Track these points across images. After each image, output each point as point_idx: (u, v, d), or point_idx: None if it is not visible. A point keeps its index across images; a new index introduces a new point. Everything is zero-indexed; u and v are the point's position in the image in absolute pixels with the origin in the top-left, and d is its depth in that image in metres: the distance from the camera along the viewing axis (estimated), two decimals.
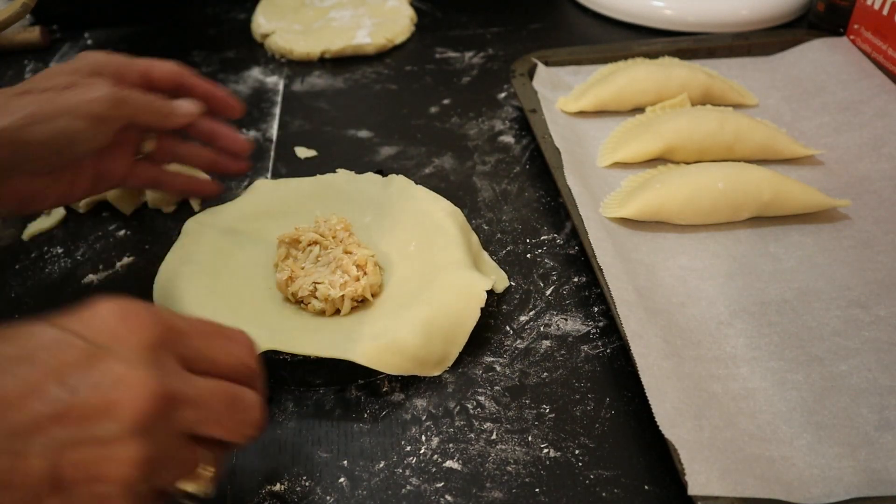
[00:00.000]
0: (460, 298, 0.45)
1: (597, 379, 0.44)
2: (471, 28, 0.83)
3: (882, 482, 0.37)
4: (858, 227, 0.52)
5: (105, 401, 0.27)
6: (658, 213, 0.52)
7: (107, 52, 0.47)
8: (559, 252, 0.53)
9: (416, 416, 0.42)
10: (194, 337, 0.31)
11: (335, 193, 0.55)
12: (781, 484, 0.36)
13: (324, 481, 0.39)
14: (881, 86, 0.63)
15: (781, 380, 0.42)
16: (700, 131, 0.57)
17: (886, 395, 0.41)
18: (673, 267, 0.50)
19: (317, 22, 0.82)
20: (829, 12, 0.73)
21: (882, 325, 0.45)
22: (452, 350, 0.45)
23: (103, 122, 0.44)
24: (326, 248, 0.49)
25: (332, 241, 0.49)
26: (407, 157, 0.63)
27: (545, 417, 0.42)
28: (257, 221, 0.53)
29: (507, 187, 0.59)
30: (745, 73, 0.69)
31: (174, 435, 0.29)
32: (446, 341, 0.44)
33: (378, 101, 0.71)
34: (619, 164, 0.59)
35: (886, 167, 0.56)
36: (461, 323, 0.45)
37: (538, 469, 0.39)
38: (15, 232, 0.57)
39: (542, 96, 0.64)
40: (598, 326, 0.47)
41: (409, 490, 0.38)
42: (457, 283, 0.46)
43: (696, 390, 0.41)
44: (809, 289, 0.48)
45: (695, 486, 0.35)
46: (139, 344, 0.28)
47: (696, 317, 0.46)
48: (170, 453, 0.29)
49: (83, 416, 0.26)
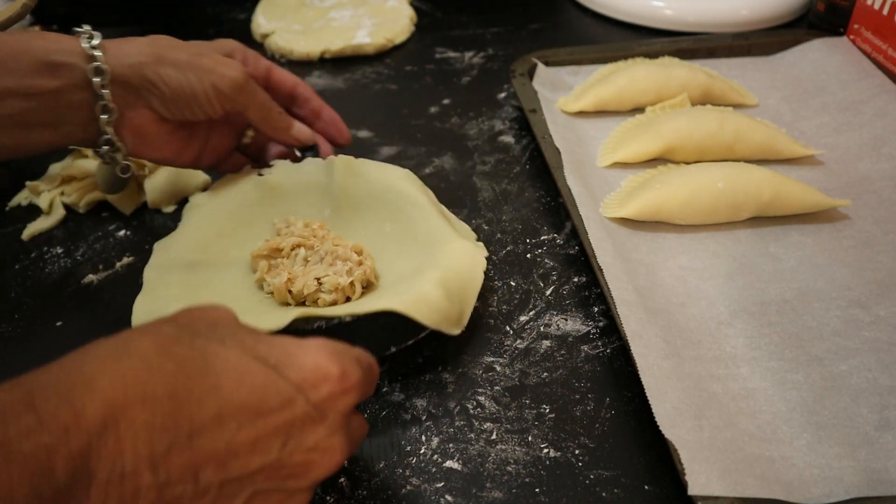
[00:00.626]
0: (465, 263, 0.46)
1: (597, 379, 0.44)
2: (471, 28, 0.83)
3: (882, 482, 0.37)
4: (858, 227, 0.52)
5: (307, 462, 0.29)
6: (658, 213, 0.52)
7: (240, 42, 0.52)
8: (559, 252, 0.53)
9: (416, 416, 0.42)
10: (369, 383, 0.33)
11: (282, 195, 0.52)
12: (781, 484, 0.36)
13: (324, 481, 0.39)
14: (881, 86, 0.63)
15: (781, 380, 0.42)
16: (700, 131, 0.57)
17: (886, 395, 0.41)
18: (673, 267, 0.50)
19: (317, 22, 0.82)
20: (829, 12, 0.73)
21: (882, 325, 0.45)
22: (466, 309, 0.45)
23: (222, 98, 0.47)
24: (312, 248, 0.48)
25: (314, 238, 0.48)
26: (407, 157, 0.63)
27: (545, 417, 0.42)
28: (215, 246, 0.50)
29: (507, 187, 0.59)
30: (745, 73, 0.69)
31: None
32: (460, 300, 0.45)
33: (378, 101, 0.71)
34: (619, 164, 0.59)
35: (886, 167, 0.56)
36: (470, 284, 0.45)
37: (538, 469, 0.39)
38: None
39: (542, 96, 0.64)
40: (598, 326, 0.47)
41: (409, 490, 0.38)
42: (456, 252, 0.46)
43: (696, 390, 0.41)
44: (809, 289, 0.48)
45: (695, 486, 0.35)
46: (345, 410, 0.31)
47: (696, 317, 0.46)
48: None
49: (286, 474, 0.29)
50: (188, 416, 0.26)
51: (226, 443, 0.27)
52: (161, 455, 0.25)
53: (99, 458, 0.24)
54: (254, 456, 0.27)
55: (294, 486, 0.29)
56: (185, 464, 0.26)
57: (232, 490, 0.27)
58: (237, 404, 0.27)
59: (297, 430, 0.29)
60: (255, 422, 0.27)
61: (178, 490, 0.26)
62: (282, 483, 0.29)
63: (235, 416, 0.27)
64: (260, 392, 0.28)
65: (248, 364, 0.28)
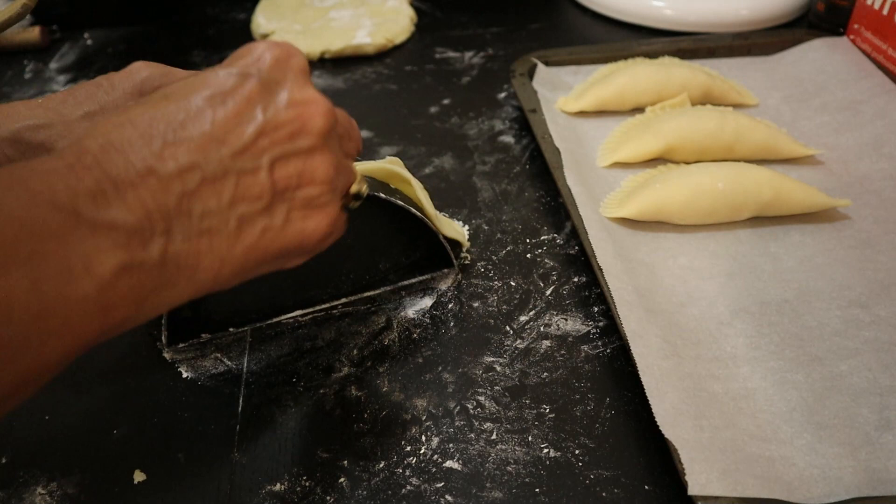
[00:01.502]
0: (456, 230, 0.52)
1: (597, 379, 0.44)
2: (471, 28, 0.83)
3: (882, 482, 0.37)
4: (858, 227, 0.52)
5: (298, 117, 0.31)
6: (658, 213, 0.52)
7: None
8: (559, 252, 0.53)
9: (416, 416, 0.42)
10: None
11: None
12: (781, 484, 0.36)
13: (324, 481, 0.39)
14: (881, 86, 0.63)
15: (781, 380, 0.42)
16: (700, 131, 0.57)
17: (886, 395, 0.41)
18: (673, 267, 0.50)
19: (317, 22, 0.82)
20: (829, 12, 0.73)
21: (882, 325, 0.45)
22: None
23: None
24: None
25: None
26: (407, 157, 0.63)
27: (545, 417, 0.42)
28: None
29: (507, 187, 0.59)
30: (745, 73, 0.69)
31: (340, 149, 0.34)
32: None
33: (378, 101, 0.71)
34: (619, 164, 0.59)
35: (886, 167, 0.56)
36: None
37: (538, 469, 0.39)
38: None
39: (541, 96, 0.64)
40: (598, 326, 0.47)
41: (409, 490, 0.38)
42: (445, 222, 0.51)
43: (696, 390, 0.41)
44: (809, 289, 0.48)
45: (695, 486, 0.35)
46: (300, 71, 0.33)
47: (696, 317, 0.46)
48: (343, 162, 0.34)
49: (286, 135, 0.31)
50: (166, 119, 0.29)
51: (211, 124, 0.29)
52: (157, 151, 0.28)
53: (111, 165, 0.27)
54: (242, 126, 0.30)
55: (303, 144, 0.31)
56: (185, 151, 0.28)
57: (246, 163, 0.30)
58: (205, 97, 0.30)
59: (267, 93, 0.31)
60: (226, 101, 0.30)
61: (196, 176, 0.28)
62: (290, 144, 0.31)
63: (209, 104, 0.30)
64: (214, 81, 0.31)
65: (199, 78, 0.31)
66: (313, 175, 0.32)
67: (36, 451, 0.41)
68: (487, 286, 0.50)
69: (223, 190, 0.29)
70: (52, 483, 0.39)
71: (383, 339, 0.47)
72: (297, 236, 0.32)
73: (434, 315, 0.48)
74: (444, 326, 0.48)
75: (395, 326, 0.48)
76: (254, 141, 0.30)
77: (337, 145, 0.34)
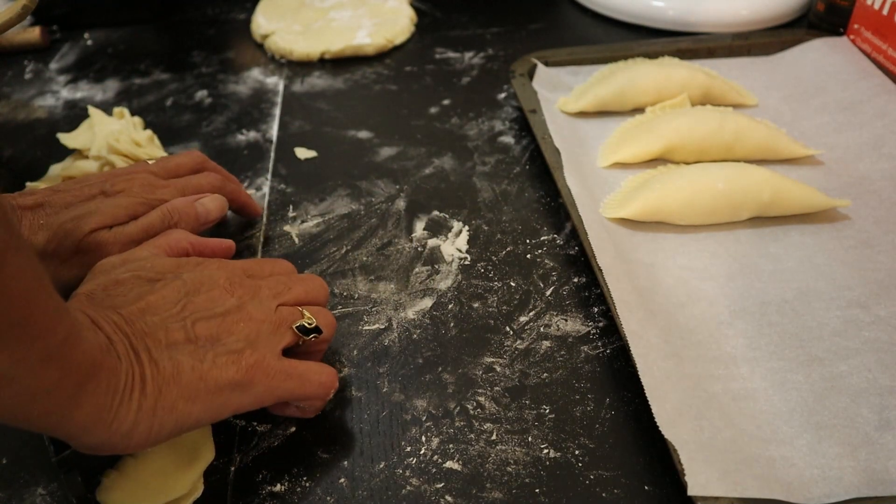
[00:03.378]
0: None
1: (597, 379, 0.44)
2: (471, 28, 0.83)
3: (882, 482, 0.37)
4: (858, 227, 0.52)
5: (208, 278, 0.38)
6: (658, 213, 0.52)
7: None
8: (559, 252, 0.53)
9: (416, 416, 0.42)
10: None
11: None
12: (781, 484, 0.36)
13: (324, 481, 0.39)
14: (881, 86, 0.63)
15: (781, 380, 0.42)
16: (700, 131, 0.57)
17: (886, 395, 0.41)
18: (673, 267, 0.50)
19: (317, 22, 0.82)
20: (829, 12, 0.73)
21: (882, 325, 0.45)
22: None
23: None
24: None
25: None
26: (407, 157, 0.63)
27: (545, 418, 0.42)
28: None
29: (506, 188, 0.59)
30: (745, 73, 0.69)
31: (265, 300, 0.39)
32: None
33: (378, 101, 0.71)
34: (619, 165, 0.59)
35: (886, 167, 0.56)
36: None
37: (538, 469, 0.39)
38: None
39: (541, 97, 0.64)
40: (598, 327, 0.47)
41: (409, 491, 0.38)
42: None
43: (696, 390, 0.41)
44: (809, 289, 0.48)
45: (695, 486, 0.35)
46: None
47: (696, 317, 0.46)
48: (268, 315, 0.38)
49: (204, 299, 0.37)
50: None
51: (136, 297, 0.36)
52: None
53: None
54: (166, 303, 0.36)
55: (221, 309, 0.37)
56: (122, 317, 0.34)
57: (173, 323, 0.35)
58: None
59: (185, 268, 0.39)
60: (161, 289, 0.37)
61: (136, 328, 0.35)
62: (207, 309, 0.37)
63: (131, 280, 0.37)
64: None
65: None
66: (230, 329, 0.37)
67: (36, 452, 0.41)
68: (487, 287, 0.50)
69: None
70: (53, 483, 0.39)
71: (383, 339, 0.47)
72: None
73: (434, 315, 0.48)
74: (443, 327, 0.48)
75: (395, 327, 0.48)
76: (177, 312, 0.37)
77: (261, 301, 0.39)
